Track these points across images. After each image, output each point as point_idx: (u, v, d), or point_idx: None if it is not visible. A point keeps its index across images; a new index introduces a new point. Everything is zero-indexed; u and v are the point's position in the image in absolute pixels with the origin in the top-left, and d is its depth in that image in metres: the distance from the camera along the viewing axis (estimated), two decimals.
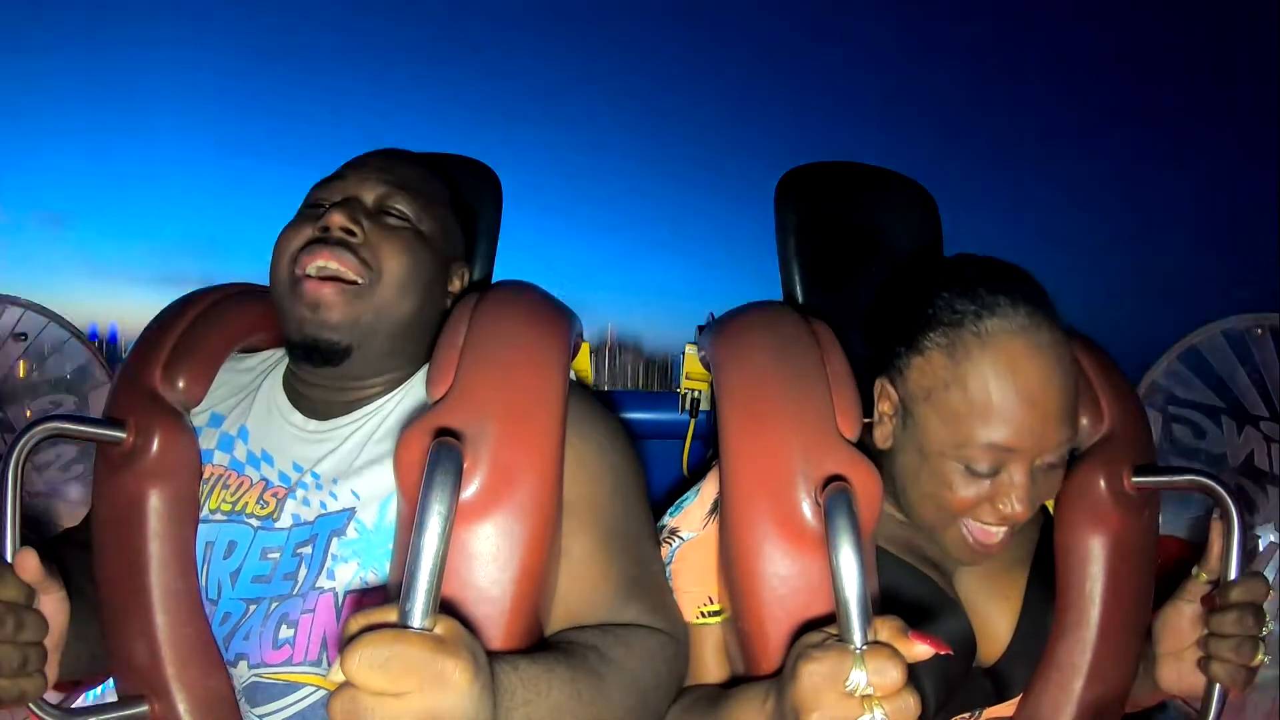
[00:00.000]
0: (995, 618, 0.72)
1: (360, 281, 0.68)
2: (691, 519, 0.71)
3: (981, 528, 0.65)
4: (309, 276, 0.67)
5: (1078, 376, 0.64)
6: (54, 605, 0.58)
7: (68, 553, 0.69)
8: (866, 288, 1.02)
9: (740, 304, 0.79)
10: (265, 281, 0.73)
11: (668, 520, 0.73)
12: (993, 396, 0.61)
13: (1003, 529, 0.65)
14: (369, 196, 0.73)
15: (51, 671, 0.58)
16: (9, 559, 0.57)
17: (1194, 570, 0.64)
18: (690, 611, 0.70)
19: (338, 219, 0.68)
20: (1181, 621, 0.64)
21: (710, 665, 0.69)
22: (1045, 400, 0.61)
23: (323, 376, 0.72)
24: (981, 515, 0.64)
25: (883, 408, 0.69)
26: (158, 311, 0.77)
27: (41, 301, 1.21)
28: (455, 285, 0.79)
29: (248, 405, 0.74)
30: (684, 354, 1.15)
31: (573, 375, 0.71)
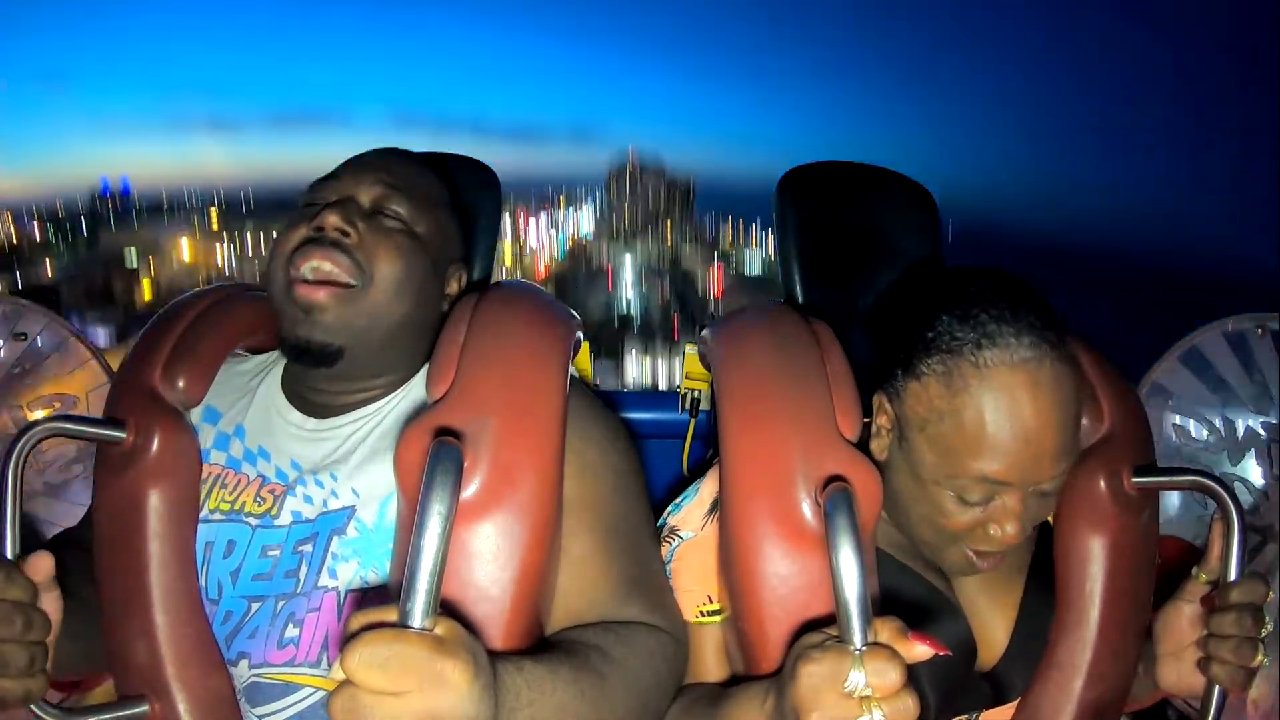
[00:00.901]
0: (993, 622, 0.72)
1: (354, 284, 0.68)
2: (690, 518, 0.71)
3: (977, 550, 0.65)
4: (304, 280, 0.67)
5: (1079, 405, 0.63)
6: (50, 604, 0.58)
7: (65, 552, 0.69)
8: (866, 288, 1.02)
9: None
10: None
11: (667, 519, 0.73)
12: (987, 431, 0.59)
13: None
14: (365, 197, 0.72)
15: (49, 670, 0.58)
16: (9, 558, 0.57)
17: (1194, 571, 0.64)
18: (690, 611, 0.70)
19: (332, 220, 0.68)
20: (1181, 622, 0.65)
21: (710, 664, 0.69)
22: (1041, 437, 0.59)
23: (319, 378, 0.72)
24: (975, 542, 0.64)
25: (880, 421, 0.68)
26: (168, 159, 0.78)
27: (48, 163, 1.18)
28: (453, 287, 0.78)
29: (245, 405, 0.74)
30: (684, 354, 1.15)
31: (573, 373, 0.71)
